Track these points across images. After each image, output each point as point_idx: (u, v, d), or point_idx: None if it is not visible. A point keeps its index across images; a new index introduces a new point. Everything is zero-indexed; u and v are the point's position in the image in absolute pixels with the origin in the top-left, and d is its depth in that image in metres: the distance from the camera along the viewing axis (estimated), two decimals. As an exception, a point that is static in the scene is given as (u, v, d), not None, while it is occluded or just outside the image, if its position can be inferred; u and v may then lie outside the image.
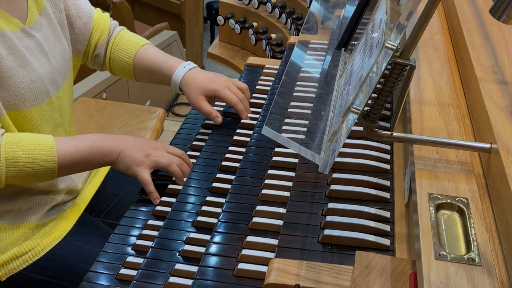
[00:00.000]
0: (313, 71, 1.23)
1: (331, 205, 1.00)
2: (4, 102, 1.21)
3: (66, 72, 1.38)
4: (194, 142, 1.44)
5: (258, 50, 2.45)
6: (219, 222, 1.08)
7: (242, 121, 1.44)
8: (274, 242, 0.99)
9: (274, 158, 1.21)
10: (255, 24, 2.49)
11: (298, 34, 2.13)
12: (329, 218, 0.97)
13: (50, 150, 1.21)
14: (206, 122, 1.49)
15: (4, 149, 1.17)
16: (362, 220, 0.95)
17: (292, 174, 1.15)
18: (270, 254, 0.97)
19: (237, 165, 1.27)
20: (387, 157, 1.11)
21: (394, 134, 0.89)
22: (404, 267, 0.79)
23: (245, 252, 0.99)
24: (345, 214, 0.97)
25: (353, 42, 1.16)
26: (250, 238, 1.02)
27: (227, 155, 1.32)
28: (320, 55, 1.25)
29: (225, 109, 1.48)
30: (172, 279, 1.01)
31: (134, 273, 1.05)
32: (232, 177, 1.23)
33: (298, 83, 1.22)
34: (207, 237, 1.07)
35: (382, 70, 0.78)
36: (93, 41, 1.49)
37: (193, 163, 1.33)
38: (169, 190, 1.28)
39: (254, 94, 1.58)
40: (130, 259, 1.10)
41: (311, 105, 1.12)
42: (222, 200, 1.16)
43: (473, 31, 1.16)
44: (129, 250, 1.14)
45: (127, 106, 2.42)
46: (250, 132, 1.40)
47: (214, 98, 1.48)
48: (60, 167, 1.23)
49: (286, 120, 1.11)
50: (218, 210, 1.13)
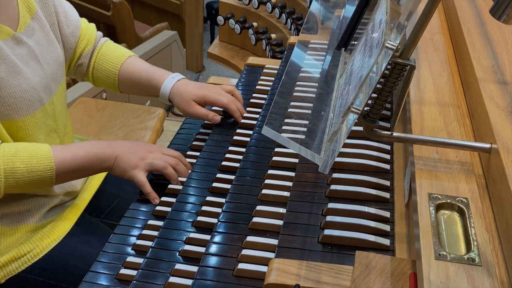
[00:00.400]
0: (313, 71, 1.23)
1: (331, 205, 1.00)
2: None
3: (59, 76, 1.37)
4: (194, 142, 1.44)
5: (258, 50, 2.45)
6: (219, 222, 1.08)
7: (242, 121, 1.44)
8: (274, 242, 0.99)
9: (274, 158, 1.21)
10: (255, 24, 2.49)
11: (298, 34, 2.13)
12: (329, 218, 0.97)
13: (47, 159, 1.22)
14: (206, 122, 1.49)
15: (2, 160, 1.17)
16: (362, 220, 0.95)
17: (292, 174, 1.15)
18: (270, 254, 0.97)
19: (237, 165, 1.27)
20: (387, 157, 1.11)
21: (394, 134, 0.89)
22: (404, 267, 0.79)
23: (245, 252, 0.99)
24: (345, 214, 0.97)
25: (353, 42, 1.16)
26: (250, 238, 1.02)
27: (227, 155, 1.32)
28: (320, 55, 1.25)
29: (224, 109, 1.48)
30: (172, 279, 1.01)
31: (134, 273, 1.05)
32: (232, 177, 1.23)
33: (298, 83, 1.22)
34: (207, 237, 1.07)
35: (382, 70, 0.78)
36: (78, 50, 1.48)
37: (193, 163, 1.33)
38: (169, 190, 1.28)
39: (254, 94, 1.58)
40: (130, 259, 1.10)
41: (311, 105, 1.12)
42: (222, 200, 1.16)
43: (473, 31, 1.16)
44: (129, 250, 1.14)
45: (127, 106, 2.41)
46: (250, 132, 1.40)
47: (205, 105, 1.47)
48: (58, 175, 1.24)
49: (286, 120, 1.11)
50: (218, 210, 1.13)
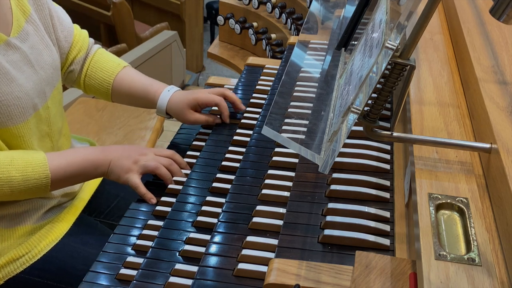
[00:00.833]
0: (313, 71, 1.23)
1: (331, 205, 1.00)
2: None
3: (55, 80, 1.36)
4: (194, 142, 1.44)
5: (258, 50, 2.45)
6: (219, 222, 1.08)
7: (242, 121, 1.44)
8: (274, 242, 0.99)
9: (274, 158, 1.21)
10: (255, 24, 2.49)
11: (298, 34, 2.13)
12: (329, 218, 0.97)
13: (42, 167, 1.22)
14: (206, 122, 1.49)
15: None
16: (362, 220, 0.95)
17: (292, 174, 1.15)
18: (270, 254, 0.97)
19: (237, 165, 1.27)
20: (387, 157, 1.11)
21: (394, 134, 0.89)
22: (404, 267, 0.79)
23: (245, 252, 0.99)
24: (345, 214, 0.97)
25: (353, 42, 1.16)
26: (250, 238, 1.02)
27: (227, 155, 1.32)
28: (320, 55, 1.25)
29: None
30: (172, 279, 1.01)
31: (134, 273, 1.05)
32: (232, 177, 1.23)
33: (298, 83, 1.22)
34: (207, 237, 1.07)
35: (382, 70, 0.78)
36: (70, 56, 1.47)
37: (193, 163, 1.33)
38: (169, 190, 1.28)
39: (254, 94, 1.58)
40: (130, 259, 1.10)
41: (311, 105, 1.12)
42: (222, 200, 1.16)
43: (473, 31, 1.16)
44: (129, 250, 1.14)
45: (127, 106, 2.40)
46: (250, 132, 1.40)
47: (198, 108, 1.47)
48: (53, 183, 1.24)
49: (286, 120, 1.11)
50: (218, 210, 1.13)
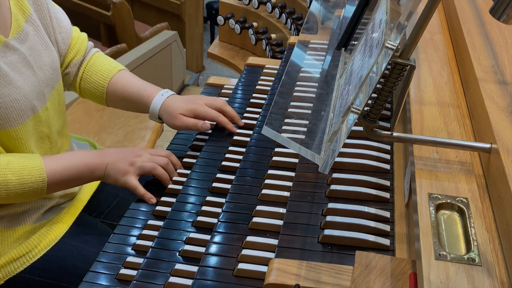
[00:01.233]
0: (313, 71, 1.23)
1: (331, 205, 1.00)
2: None
3: (54, 81, 1.35)
4: (194, 142, 1.44)
5: (258, 50, 2.45)
6: (219, 222, 1.08)
7: (242, 121, 1.44)
8: (274, 242, 0.99)
9: (274, 158, 1.21)
10: (255, 24, 2.49)
11: (298, 34, 2.13)
12: (329, 218, 0.97)
13: (39, 171, 1.22)
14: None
15: None
16: (362, 220, 0.95)
17: (292, 174, 1.15)
18: (270, 254, 0.97)
19: (237, 165, 1.27)
20: (387, 157, 1.11)
21: (394, 134, 0.89)
22: (404, 267, 0.79)
23: (245, 252, 0.99)
24: (345, 214, 0.97)
25: (353, 42, 1.16)
26: (250, 238, 1.02)
27: (227, 155, 1.32)
28: (320, 55, 1.25)
29: None
30: (172, 279, 1.01)
31: (134, 273, 1.05)
32: (232, 177, 1.23)
33: (298, 83, 1.22)
34: (207, 237, 1.07)
35: (382, 70, 0.78)
36: (67, 58, 1.46)
37: (193, 163, 1.33)
38: (169, 190, 1.28)
39: (254, 94, 1.58)
40: (130, 259, 1.10)
41: (311, 105, 1.12)
42: (222, 200, 1.16)
43: (473, 31, 1.16)
44: (129, 250, 1.14)
45: (127, 106, 2.41)
46: (250, 132, 1.40)
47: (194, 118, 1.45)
48: (49, 186, 1.24)
49: (286, 120, 1.11)
50: (218, 210, 1.13)
